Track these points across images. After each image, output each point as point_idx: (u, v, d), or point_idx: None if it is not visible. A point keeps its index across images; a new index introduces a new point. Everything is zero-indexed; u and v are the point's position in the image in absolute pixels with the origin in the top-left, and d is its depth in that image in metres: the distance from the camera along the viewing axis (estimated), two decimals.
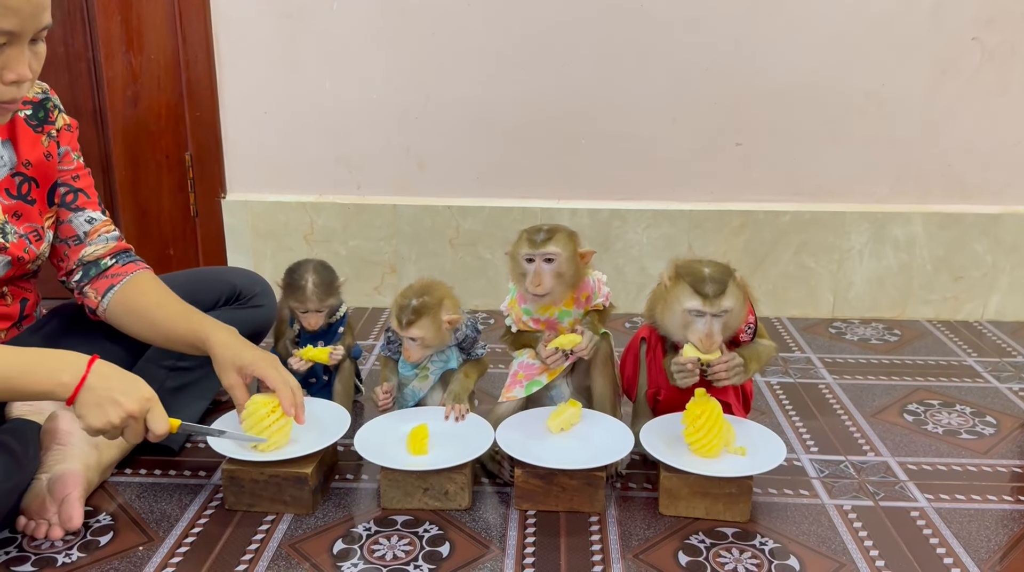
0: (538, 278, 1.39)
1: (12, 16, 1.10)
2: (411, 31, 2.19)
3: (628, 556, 1.25)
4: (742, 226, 2.26)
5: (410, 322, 1.40)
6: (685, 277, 1.34)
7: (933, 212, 2.23)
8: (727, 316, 1.33)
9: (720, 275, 1.33)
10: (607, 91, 2.20)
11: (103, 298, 1.44)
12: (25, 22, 1.12)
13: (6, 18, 1.10)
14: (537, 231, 1.40)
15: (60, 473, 1.29)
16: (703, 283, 1.32)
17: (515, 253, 1.42)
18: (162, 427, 1.22)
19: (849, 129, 2.20)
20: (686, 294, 1.33)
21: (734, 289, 1.33)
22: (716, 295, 1.31)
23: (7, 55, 1.14)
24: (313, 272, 1.56)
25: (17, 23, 1.11)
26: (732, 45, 2.15)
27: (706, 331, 1.34)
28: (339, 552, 1.25)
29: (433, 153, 2.29)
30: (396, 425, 1.45)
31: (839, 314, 2.32)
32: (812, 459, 1.54)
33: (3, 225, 1.34)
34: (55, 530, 1.26)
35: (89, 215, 1.47)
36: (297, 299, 1.56)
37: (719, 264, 1.37)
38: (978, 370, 1.96)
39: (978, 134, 2.19)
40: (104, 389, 1.17)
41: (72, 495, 1.27)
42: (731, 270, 1.36)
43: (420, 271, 2.31)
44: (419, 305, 1.40)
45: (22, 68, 1.16)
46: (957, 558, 1.25)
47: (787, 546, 1.27)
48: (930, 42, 2.13)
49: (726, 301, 1.32)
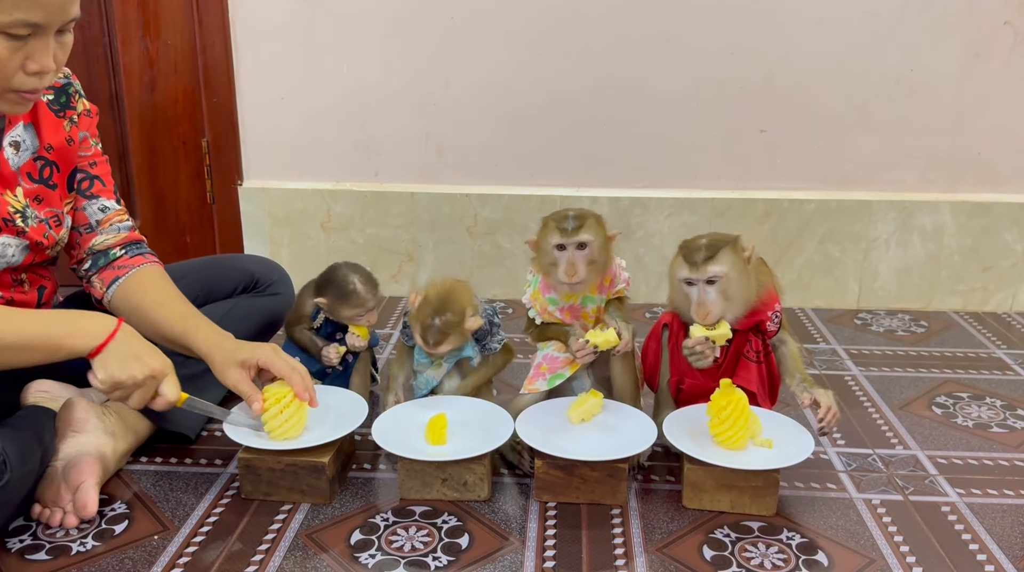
0: (572, 267, 1.36)
1: (38, 8, 1.10)
2: (430, 15, 2.16)
3: (651, 549, 1.22)
4: (766, 214, 2.22)
5: (437, 342, 1.39)
6: (680, 249, 1.34)
7: (962, 201, 2.18)
8: (722, 282, 1.31)
9: (713, 242, 1.31)
10: (629, 76, 2.17)
11: (107, 289, 1.43)
12: (52, 14, 1.12)
13: (32, 10, 1.09)
14: (564, 218, 1.37)
15: (75, 460, 1.28)
16: (691, 251, 1.32)
17: (543, 243, 1.39)
18: (173, 393, 1.26)
19: (877, 115, 2.16)
20: (678, 264, 1.34)
21: (728, 254, 1.30)
22: (705, 261, 1.30)
23: (32, 46, 1.13)
24: (353, 272, 1.53)
25: (43, 15, 1.11)
26: (757, 29, 2.11)
27: (698, 300, 1.33)
28: (357, 543, 1.23)
29: (452, 140, 2.26)
30: (414, 414, 1.43)
31: (865, 305, 2.27)
32: (839, 452, 1.50)
33: (24, 208, 1.32)
34: (70, 518, 1.25)
35: (103, 203, 1.45)
36: (353, 305, 1.52)
37: (723, 235, 1.34)
38: (1008, 362, 1.91)
39: (1010, 120, 2.14)
40: (130, 346, 1.21)
41: (87, 482, 1.26)
42: (732, 238, 1.33)
43: (438, 259, 2.29)
44: (443, 325, 1.38)
45: (46, 59, 1.15)
46: (991, 554, 1.21)
47: (815, 541, 1.24)
48: (961, 26, 2.08)
49: (713, 266, 1.30)
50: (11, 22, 1.09)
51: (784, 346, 1.43)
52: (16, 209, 1.31)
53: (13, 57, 1.13)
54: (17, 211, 1.31)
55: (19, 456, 1.19)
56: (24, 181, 1.33)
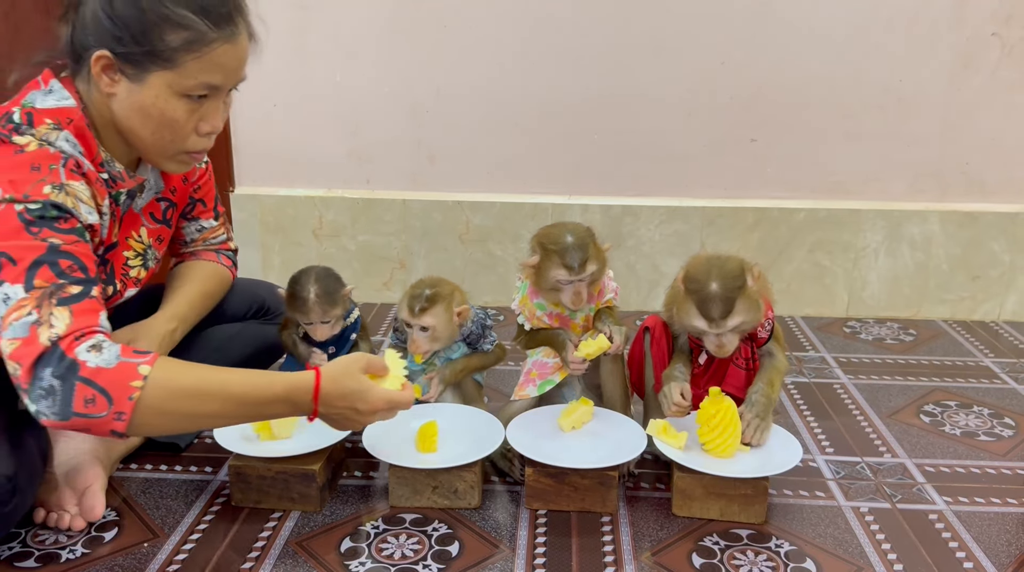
0: (578, 297, 1.39)
1: (219, 71, 1.15)
2: (423, 24, 2.17)
3: (641, 557, 1.22)
4: (756, 223, 2.23)
5: (423, 309, 1.39)
6: (690, 292, 1.32)
7: (951, 210, 2.20)
8: (739, 327, 1.32)
9: (726, 289, 1.29)
10: (621, 85, 2.18)
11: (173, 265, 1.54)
12: (229, 76, 1.18)
13: (213, 73, 1.14)
14: (567, 252, 1.36)
15: (78, 465, 1.30)
16: (706, 303, 1.30)
17: (546, 273, 1.39)
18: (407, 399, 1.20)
19: (866, 125, 2.17)
20: (691, 312, 1.32)
21: (743, 302, 1.30)
22: (723, 317, 1.29)
23: (206, 107, 1.18)
24: (315, 282, 1.46)
25: (222, 78, 1.16)
26: (749, 40, 2.12)
27: (717, 343, 1.33)
28: (347, 550, 1.23)
29: (444, 147, 2.27)
30: (405, 422, 1.42)
31: (854, 313, 2.29)
32: (828, 460, 1.51)
33: (147, 250, 1.35)
34: (77, 520, 1.26)
35: (201, 224, 1.52)
36: (299, 311, 1.47)
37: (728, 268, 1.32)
38: (995, 371, 1.92)
39: (998, 131, 2.16)
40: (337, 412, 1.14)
41: (94, 486, 1.28)
42: (740, 273, 1.32)
43: (430, 266, 2.29)
44: (432, 294, 1.40)
45: (217, 120, 1.20)
46: (977, 562, 1.22)
47: (803, 548, 1.25)
48: (949, 38, 2.10)
49: (732, 320, 1.30)
50: (194, 85, 1.14)
51: (771, 359, 1.43)
52: (138, 251, 1.33)
53: (190, 119, 1.17)
54: (139, 254, 1.33)
55: (28, 478, 1.18)
56: (147, 221, 1.36)
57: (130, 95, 1.15)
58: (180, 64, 1.12)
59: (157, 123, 1.16)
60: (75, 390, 1.01)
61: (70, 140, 1.15)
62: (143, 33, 1.10)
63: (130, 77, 1.13)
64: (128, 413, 1.02)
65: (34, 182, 1.08)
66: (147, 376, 1.03)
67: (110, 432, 1.04)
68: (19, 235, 1.05)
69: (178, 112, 1.16)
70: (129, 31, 1.10)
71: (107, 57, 1.12)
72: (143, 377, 1.02)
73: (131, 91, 1.14)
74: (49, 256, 1.05)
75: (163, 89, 1.13)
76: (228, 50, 1.15)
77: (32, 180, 1.08)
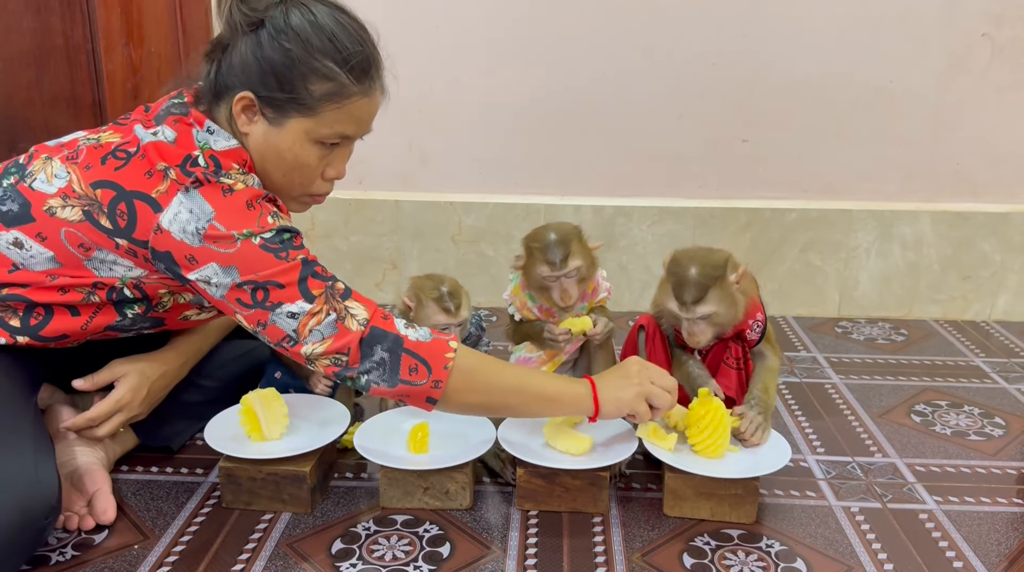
0: (566, 294, 1.41)
1: (353, 123, 1.21)
2: (414, 23, 2.16)
3: (632, 558, 1.22)
4: (748, 223, 2.23)
5: (459, 306, 1.43)
6: (670, 274, 1.37)
7: (941, 210, 2.20)
8: (712, 317, 1.35)
9: (702, 276, 1.33)
10: (612, 85, 2.18)
11: None
12: (360, 128, 1.24)
13: (348, 124, 1.21)
14: (549, 248, 1.39)
15: (85, 468, 1.30)
16: (680, 286, 1.34)
17: (532, 272, 1.42)
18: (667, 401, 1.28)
19: (857, 126, 2.18)
20: (667, 295, 1.37)
21: (716, 292, 1.33)
22: (694, 302, 1.33)
23: (335, 155, 1.24)
24: None
25: (355, 129, 1.23)
26: (739, 40, 2.13)
27: (688, 330, 1.37)
28: (338, 552, 1.23)
29: (436, 148, 2.26)
30: (396, 423, 1.43)
31: (845, 313, 2.29)
32: (819, 460, 1.52)
33: None
34: (87, 520, 1.27)
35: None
36: None
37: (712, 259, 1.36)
38: (986, 370, 1.93)
39: (989, 131, 2.16)
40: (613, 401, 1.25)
41: (103, 489, 1.29)
42: (721, 265, 1.35)
43: (422, 267, 2.29)
44: (459, 290, 1.44)
45: (343, 167, 1.26)
46: (967, 561, 1.23)
47: (794, 548, 1.25)
48: (940, 38, 2.10)
49: (703, 308, 1.34)
50: (329, 134, 1.19)
51: (763, 360, 1.44)
52: None
53: (319, 165, 1.22)
54: None
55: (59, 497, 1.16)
56: None
57: (266, 137, 1.19)
58: (320, 113, 1.17)
59: (290, 166, 1.21)
60: (401, 360, 1.15)
61: (256, 179, 1.21)
62: (289, 80, 1.16)
63: (269, 120, 1.18)
64: (444, 381, 1.16)
65: (256, 217, 1.15)
66: (456, 349, 1.17)
67: (426, 400, 1.17)
68: (273, 264, 1.14)
69: (311, 157, 1.21)
70: (276, 77, 1.15)
71: (250, 98, 1.17)
72: (454, 350, 1.17)
73: (268, 133, 1.19)
74: (307, 270, 1.16)
75: (300, 135, 1.19)
76: (365, 103, 1.21)
77: (254, 216, 1.15)
